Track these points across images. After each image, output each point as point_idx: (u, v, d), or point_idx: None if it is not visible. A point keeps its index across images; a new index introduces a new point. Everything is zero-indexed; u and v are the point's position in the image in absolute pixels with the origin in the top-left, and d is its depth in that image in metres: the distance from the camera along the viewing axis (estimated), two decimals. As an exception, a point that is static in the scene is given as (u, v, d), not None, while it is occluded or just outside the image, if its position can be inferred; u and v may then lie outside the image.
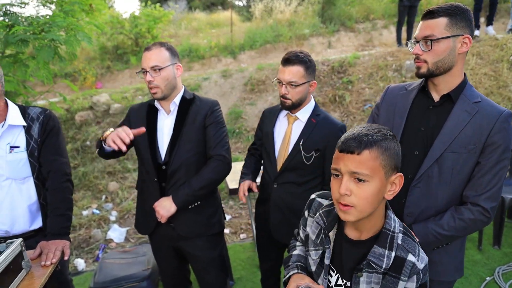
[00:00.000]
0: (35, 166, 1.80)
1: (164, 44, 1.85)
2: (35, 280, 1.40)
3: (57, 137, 1.88)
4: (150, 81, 1.79)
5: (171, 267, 2.13)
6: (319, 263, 1.20)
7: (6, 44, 2.90)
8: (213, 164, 1.89)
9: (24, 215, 1.81)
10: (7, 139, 1.76)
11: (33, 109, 1.87)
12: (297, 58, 1.82)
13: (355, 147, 0.98)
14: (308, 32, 9.96)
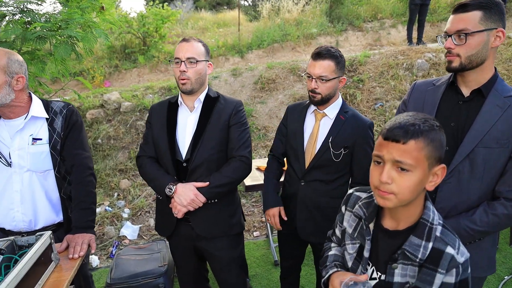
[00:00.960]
0: (56, 159, 1.80)
1: (200, 40, 1.87)
2: (64, 273, 1.40)
3: (80, 131, 1.89)
4: (183, 72, 1.78)
5: (190, 266, 2.12)
6: (355, 257, 1.19)
7: (23, 41, 2.91)
8: (235, 164, 1.88)
9: (46, 209, 1.82)
10: (30, 130, 1.78)
11: (56, 103, 1.88)
12: (329, 53, 1.81)
13: (401, 136, 0.97)
14: (316, 32, 9.95)
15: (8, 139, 1.75)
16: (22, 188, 1.75)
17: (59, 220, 1.87)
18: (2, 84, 1.64)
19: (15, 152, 1.74)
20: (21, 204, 1.76)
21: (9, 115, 1.75)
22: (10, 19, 2.93)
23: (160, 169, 1.90)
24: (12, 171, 1.75)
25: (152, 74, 9.34)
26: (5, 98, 1.66)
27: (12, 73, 1.67)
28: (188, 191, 1.78)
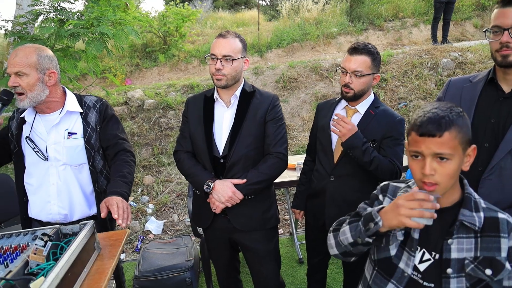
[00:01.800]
0: (91, 153, 1.84)
1: (238, 35, 1.84)
2: (106, 261, 1.44)
3: (118, 123, 1.94)
4: (218, 69, 1.77)
5: (224, 258, 2.15)
6: (400, 244, 1.18)
7: (56, 38, 2.99)
8: (272, 160, 1.88)
9: (81, 202, 1.85)
10: (65, 125, 1.81)
11: (89, 98, 1.91)
12: (365, 48, 1.81)
13: (436, 130, 1.01)
14: (336, 31, 9.89)
15: (44, 134, 1.79)
16: (58, 181, 1.80)
17: (93, 213, 1.91)
18: (35, 82, 1.66)
19: (51, 146, 1.78)
20: (57, 197, 1.80)
21: (45, 110, 1.80)
22: (45, 17, 3.01)
23: (197, 164, 1.92)
24: (49, 165, 1.79)
25: (172, 72, 9.45)
26: (40, 95, 1.70)
27: (44, 69, 1.70)
28: (226, 188, 1.80)
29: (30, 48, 1.69)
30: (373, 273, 1.26)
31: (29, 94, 1.66)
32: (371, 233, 1.11)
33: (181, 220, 3.99)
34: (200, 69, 9.40)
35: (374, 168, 1.82)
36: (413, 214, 1.01)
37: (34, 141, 1.78)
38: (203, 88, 5.79)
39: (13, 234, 1.41)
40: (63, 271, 1.15)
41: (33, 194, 1.84)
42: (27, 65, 1.64)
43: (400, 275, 1.16)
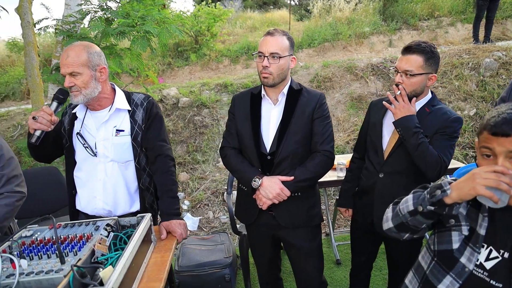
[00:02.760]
0: (137, 150, 1.86)
1: (285, 33, 1.84)
2: (163, 254, 1.47)
3: (161, 123, 1.95)
4: (265, 67, 1.78)
5: (267, 254, 2.15)
6: (464, 239, 1.15)
7: (102, 37, 3.08)
8: (319, 158, 1.88)
9: (125, 198, 1.88)
10: (113, 122, 1.85)
11: (137, 95, 1.93)
12: (418, 48, 1.77)
13: (510, 130, 1.01)
14: (369, 30, 9.72)
15: (94, 130, 1.84)
16: (105, 178, 1.84)
17: (135, 210, 1.93)
18: (89, 79, 1.70)
19: (100, 143, 1.82)
20: (103, 192, 1.84)
21: (96, 107, 1.84)
22: (92, 16, 3.11)
23: (244, 161, 1.94)
24: (97, 161, 1.83)
25: (203, 71, 9.55)
26: (94, 91, 1.74)
27: (95, 66, 1.73)
28: (274, 185, 1.80)
29: (79, 46, 1.72)
30: (431, 263, 1.24)
31: (84, 91, 1.70)
32: (435, 200, 1.09)
33: (216, 217, 4.03)
34: (230, 68, 9.46)
35: (419, 154, 1.77)
36: (489, 182, 0.99)
37: (84, 137, 1.83)
38: (236, 87, 5.82)
39: (75, 224, 1.46)
40: (129, 261, 1.18)
41: (81, 188, 1.90)
42: (79, 64, 1.68)
43: (460, 270, 1.14)
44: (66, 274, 1.08)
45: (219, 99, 5.56)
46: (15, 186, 1.92)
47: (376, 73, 5.82)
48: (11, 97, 10.06)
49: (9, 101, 9.90)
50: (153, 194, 1.95)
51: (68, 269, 1.10)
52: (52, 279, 1.07)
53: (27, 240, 1.32)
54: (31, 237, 1.37)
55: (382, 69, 5.86)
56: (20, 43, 10.83)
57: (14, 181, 1.92)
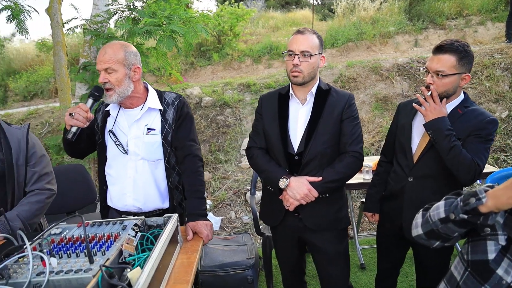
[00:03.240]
0: (167, 149, 1.86)
1: (315, 32, 1.83)
2: (190, 255, 1.45)
3: (191, 123, 1.94)
4: (296, 65, 1.76)
5: (292, 257, 2.12)
6: (501, 250, 1.08)
7: (129, 36, 3.11)
8: (348, 159, 1.84)
9: (155, 196, 1.89)
10: (145, 120, 1.85)
11: (169, 94, 1.93)
12: (451, 47, 1.70)
13: None
14: (394, 30, 9.52)
15: (126, 128, 1.85)
16: (135, 175, 1.84)
17: (165, 207, 1.94)
18: (123, 77, 1.72)
19: (131, 141, 1.83)
20: (133, 190, 1.85)
21: (129, 105, 1.85)
22: (120, 16, 3.14)
23: (271, 161, 1.92)
24: (128, 158, 1.84)
25: (225, 71, 9.57)
26: (127, 90, 1.75)
27: (130, 65, 1.75)
28: (302, 185, 1.78)
29: (117, 45, 1.75)
30: (464, 273, 1.17)
31: (117, 89, 1.72)
32: (469, 208, 1.03)
33: (238, 218, 4.01)
34: (252, 68, 9.45)
35: (451, 157, 1.70)
36: None
37: (116, 134, 1.85)
38: (259, 87, 5.80)
39: (103, 222, 1.46)
40: (156, 263, 1.16)
41: (112, 185, 1.92)
42: (116, 61, 1.70)
43: (497, 282, 1.07)
44: (95, 274, 1.08)
45: (241, 99, 5.55)
46: (46, 184, 1.95)
47: (402, 74, 5.69)
48: (40, 96, 10.36)
49: (38, 99, 10.20)
50: (181, 193, 1.94)
51: (97, 269, 1.09)
52: (81, 279, 1.07)
53: (57, 238, 1.33)
54: (60, 234, 1.37)
55: (408, 70, 5.71)
56: (49, 43, 11.13)
57: (45, 178, 1.96)
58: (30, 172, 1.91)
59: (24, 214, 1.83)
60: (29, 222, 1.86)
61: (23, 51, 12.69)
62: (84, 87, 3.75)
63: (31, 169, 1.92)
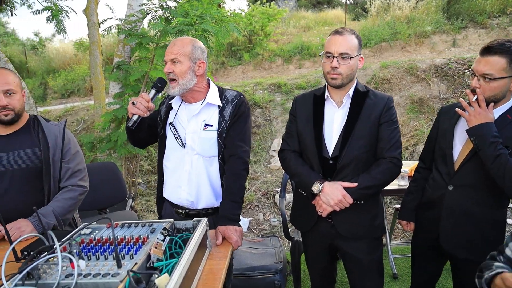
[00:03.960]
0: (221, 146, 1.83)
1: (354, 31, 1.75)
2: (219, 261, 1.41)
3: (245, 123, 1.88)
4: (334, 68, 1.69)
5: (322, 264, 2.06)
6: None
7: (162, 35, 3.12)
8: (385, 165, 1.75)
9: (208, 192, 1.87)
10: (203, 116, 1.84)
11: (230, 92, 1.91)
12: (501, 48, 1.57)
13: None
14: (430, 29, 9.18)
15: (185, 122, 1.86)
16: (191, 169, 1.84)
17: (217, 205, 1.90)
18: (187, 70, 1.74)
19: (189, 135, 1.84)
20: (187, 183, 1.85)
21: (190, 99, 1.85)
22: (153, 15, 3.16)
23: (305, 165, 1.86)
24: (184, 152, 1.85)
25: (256, 71, 9.54)
26: (189, 82, 1.76)
27: (196, 59, 1.77)
28: (336, 191, 1.71)
29: (186, 39, 1.79)
30: None
31: (180, 81, 1.74)
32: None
33: (267, 220, 3.96)
34: (283, 68, 9.37)
35: (496, 166, 1.56)
36: None
37: (176, 127, 1.87)
38: (290, 87, 5.72)
39: (132, 224, 1.44)
40: (185, 269, 1.13)
41: (168, 176, 1.94)
42: (183, 53, 1.73)
43: None
44: (122, 279, 1.05)
45: (272, 99, 5.49)
46: (79, 180, 1.99)
47: (440, 75, 5.45)
48: (76, 93, 10.72)
49: (74, 97, 10.55)
50: None
51: (124, 274, 1.07)
52: (108, 283, 1.05)
53: (86, 239, 1.32)
54: (90, 235, 1.36)
55: (446, 71, 5.47)
56: (86, 43, 11.51)
57: (78, 175, 2.00)
58: (64, 168, 1.96)
59: (58, 210, 1.88)
60: (62, 218, 1.90)
61: (62, 50, 13.20)
62: (118, 86, 3.81)
63: (65, 165, 1.96)
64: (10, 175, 1.86)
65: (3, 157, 1.86)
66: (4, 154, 1.87)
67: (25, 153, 1.88)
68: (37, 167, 1.89)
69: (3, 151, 1.87)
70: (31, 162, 1.88)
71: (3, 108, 1.82)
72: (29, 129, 1.94)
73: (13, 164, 1.86)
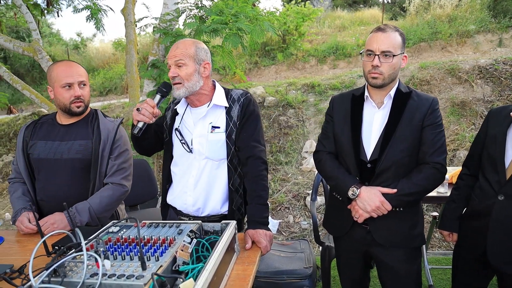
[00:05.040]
0: (230, 148, 1.78)
1: (397, 28, 1.65)
2: (247, 266, 1.36)
3: (256, 122, 1.83)
4: (375, 66, 1.61)
5: (355, 272, 1.96)
6: None
7: (196, 34, 3.11)
8: (428, 171, 1.65)
9: (214, 198, 1.81)
10: (210, 118, 1.80)
11: (235, 91, 1.86)
12: None
13: None
14: (474, 28, 8.73)
15: (192, 126, 1.81)
16: (198, 175, 1.79)
17: (223, 212, 1.85)
18: (192, 72, 1.70)
19: (196, 139, 1.79)
20: (194, 189, 1.80)
21: (196, 103, 1.81)
22: (188, 14, 3.16)
23: (340, 167, 1.78)
24: (192, 157, 1.80)
25: (289, 71, 9.46)
26: (195, 85, 1.72)
27: (200, 60, 1.72)
28: (373, 197, 1.62)
29: (189, 41, 1.75)
30: None
31: (186, 83, 1.70)
32: None
33: (297, 222, 3.88)
34: (317, 68, 9.23)
35: None
36: None
37: (182, 133, 1.82)
38: (324, 87, 5.60)
39: (159, 224, 1.42)
40: (211, 274, 1.08)
41: (175, 182, 1.90)
42: (187, 55, 1.69)
43: None
44: (146, 282, 1.02)
45: (305, 100, 5.40)
46: (122, 178, 2.00)
47: (484, 76, 5.15)
48: (113, 91, 11.06)
49: (111, 95, 10.89)
50: (242, 197, 1.85)
51: (149, 277, 1.03)
52: (132, 286, 1.01)
53: (113, 237, 1.31)
54: (118, 233, 1.35)
55: (492, 72, 5.16)
56: (124, 43, 11.84)
57: (122, 173, 2.01)
58: (110, 164, 1.98)
59: (95, 207, 1.90)
60: (98, 215, 1.91)
61: (101, 50, 13.69)
62: (152, 84, 3.86)
63: (112, 161, 1.98)
64: (62, 164, 1.92)
65: (59, 146, 1.94)
66: (61, 143, 1.95)
67: (78, 144, 1.94)
68: (87, 159, 1.93)
69: (60, 140, 1.95)
70: (82, 154, 1.93)
71: (77, 99, 1.90)
72: (87, 122, 2.01)
73: (66, 153, 1.93)
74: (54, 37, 15.98)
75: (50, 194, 1.92)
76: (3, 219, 4.87)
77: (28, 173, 1.99)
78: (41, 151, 1.95)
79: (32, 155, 1.96)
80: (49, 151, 1.94)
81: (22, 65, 13.10)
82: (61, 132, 1.97)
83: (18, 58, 12.99)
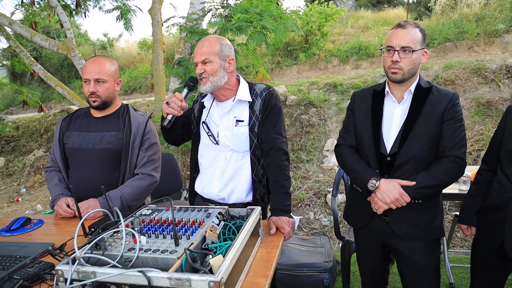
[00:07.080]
0: (253, 141, 1.87)
1: (417, 24, 1.70)
2: (271, 250, 1.43)
3: (278, 115, 1.90)
4: (395, 62, 1.65)
5: (374, 264, 2.00)
6: None
7: (221, 32, 3.21)
8: (447, 165, 1.67)
9: (240, 188, 1.91)
10: (235, 112, 1.88)
11: (259, 85, 1.94)
12: None
13: None
14: (503, 28, 8.51)
15: (218, 120, 1.91)
16: (224, 165, 1.90)
17: (247, 200, 1.95)
18: (218, 68, 1.78)
19: (222, 132, 1.89)
20: (220, 179, 1.90)
21: (221, 97, 1.90)
22: (213, 13, 3.26)
23: (361, 161, 1.83)
24: (219, 149, 1.90)
25: (311, 71, 9.47)
26: (221, 80, 1.80)
27: (225, 57, 1.80)
28: (392, 189, 1.66)
29: (213, 38, 1.83)
30: None
31: (211, 78, 1.79)
32: None
33: (317, 219, 3.92)
34: (339, 68, 9.20)
35: None
36: None
37: (209, 126, 1.93)
38: (346, 87, 5.61)
39: (189, 208, 1.51)
40: (238, 253, 1.16)
41: (202, 172, 2.01)
42: (212, 53, 1.77)
43: None
44: (180, 256, 1.10)
45: (327, 99, 5.43)
46: (152, 170, 2.12)
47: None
48: (138, 90, 11.33)
49: (136, 93, 11.16)
50: (265, 186, 1.94)
51: (181, 252, 1.12)
52: (166, 259, 1.10)
53: (147, 219, 1.40)
54: (150, 216, 1.45)
55: (520, 72, 5.06)
56: (149, 43, 12.12)
57: (152, 164, 2.13)
58: (140, 155, 2.10)
59: (126, 195, 2.01)
60: (128, 204, 2.02)
61: (127, 50, 14.03)
62: (177, 81, 3.98)
63: (142, 152, 2.11)
64: (94, 153, 2.05)
65: (91, 137, 2.07)
66: (93, 134, 2.08)
67: (110, 135, 2.07)
68: (118, 149, 2.06)
69: (93, 131, 2.09)
70: (113, 144, 2.05)
71: (92, 94, 2.01)
72: (118, 115, 2.14)
73: (98, 143, 2.05)
74: (82, 38, 16.47)
75: (82, 181, 2.05)
76: (35, 210, 5.11)
77: (64, 162, 2.13)
78: (75, 141, 2.08)
79: (67, 144, 2.10)
80: (82, 141, 2.07)
81: (51, 64, 13.58)
82: (94, 124, 2.11)
83: (48, 58, 13.48)
